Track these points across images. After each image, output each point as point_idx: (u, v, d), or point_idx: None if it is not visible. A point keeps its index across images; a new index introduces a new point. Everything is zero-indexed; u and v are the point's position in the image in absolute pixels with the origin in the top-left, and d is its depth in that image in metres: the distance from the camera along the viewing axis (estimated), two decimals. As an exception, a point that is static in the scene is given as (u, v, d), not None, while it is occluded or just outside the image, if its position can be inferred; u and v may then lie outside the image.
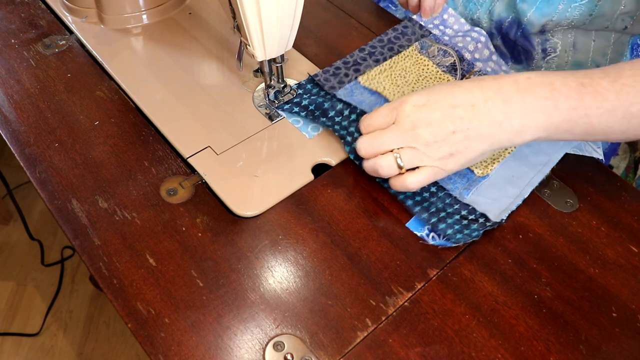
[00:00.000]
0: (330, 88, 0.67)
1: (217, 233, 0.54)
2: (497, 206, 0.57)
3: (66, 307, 1.42)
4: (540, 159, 0.61)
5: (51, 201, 0.56)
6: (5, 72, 0.69)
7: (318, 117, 0.63)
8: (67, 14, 0.77)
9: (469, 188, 0.58)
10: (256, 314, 0.49)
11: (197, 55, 0.72)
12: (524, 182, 0.59)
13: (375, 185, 0.59)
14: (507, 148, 0.62)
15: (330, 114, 0.63)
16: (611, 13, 0.67)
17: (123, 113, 0.65)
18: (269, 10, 0.54)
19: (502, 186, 0.59)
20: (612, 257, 0.54)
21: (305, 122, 0.64)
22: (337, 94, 0.66)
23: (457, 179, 0.59)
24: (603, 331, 0.49)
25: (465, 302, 0.50)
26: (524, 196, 0.58)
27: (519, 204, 0.57)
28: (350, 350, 0.47)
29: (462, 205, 0.57)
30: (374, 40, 0.74)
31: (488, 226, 0.54)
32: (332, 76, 0.69)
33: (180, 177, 0.59)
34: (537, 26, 0.69)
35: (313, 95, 0.66)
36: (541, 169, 0.60)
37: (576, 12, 0.67)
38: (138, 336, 0.47)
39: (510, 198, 0.58)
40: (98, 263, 0.51)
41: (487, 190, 0.59)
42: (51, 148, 0.61)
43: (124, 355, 1.34)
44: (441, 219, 0.55)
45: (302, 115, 0.64)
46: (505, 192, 0.58)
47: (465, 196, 0.58)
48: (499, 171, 0.60)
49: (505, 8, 0.71)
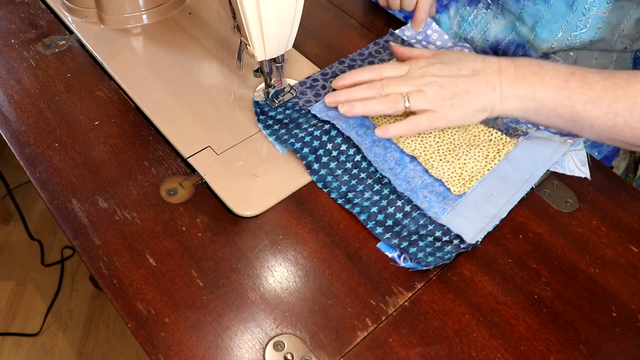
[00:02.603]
0: (306, 102, 0.65)
1: (217, 233, 0.54)
2: (473, 227, 0.55)
3: (66, 307, 1.42)
4: (521, 175, 0.59)
5: (51, 201, 0.56)
6: (5, 72, 0.69)
7: (292, 129, 0.61)
8: (67, 14, 0.77)
9: (444, 207, 0.56)
10: (256, 314, 0.49)
11: (197, 55, 0.72)
12: (503, 200, 0.57)
13: (375, 185, 0.59)
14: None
15: (302, 134, 0.60)
16: (611, 37, 0.67)
17: (123, 113, 0.65)
18: (269, 10, 0.54)
19: (479, 205, 0.57)
20: (612, 257, 0.54)
21: (277, 138, 0.61)
22: (313, 109, 0.63)
23: (433, 198, 0.57)
24: (603, 331, 0.49)
25: (465, 302, 0.50)
26: (502, 216, 0.56)
27: (496, 224, 0.55)
28: (350, 350, 0.47)
29: (436, 226, 0.55)
30: (354, 53, 0.72)
31: (462, 248, 0.53)
32: (308, 88, 0.66)
33: (180, 177, 0.59)
34: (539, 51, 0.69)
35: (288, 109, 0.64)
36: (522, 186, 0.58)
37: (577, 40, 0.67)
38: (138, 336, 0.47)
39: (488, 218, 0.56)
40: (98, 263, 0.51)
41: (463, 210, 0.57)
42: (51, 148, 0.61)
43: (124, 355, 1.34)
44: (412, 242, 0.53)
45: (276, 128, 0.62)
46: (482, 211, 0.56)
47: (440, 216, 0.56)
48: (477, 189, 0.58)
49: (503, 29, 0.71)
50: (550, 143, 0.61)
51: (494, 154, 0.60)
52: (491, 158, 0.60)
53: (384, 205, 0.56)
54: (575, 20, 0.65)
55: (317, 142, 0.60)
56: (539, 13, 0.66)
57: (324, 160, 0.59)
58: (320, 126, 0.61)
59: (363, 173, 0.59)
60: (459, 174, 0.59)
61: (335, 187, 0.58)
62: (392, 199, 0.57)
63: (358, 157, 0.60)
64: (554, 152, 0.61)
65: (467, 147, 0.61)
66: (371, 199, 0.57)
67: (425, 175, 0.59)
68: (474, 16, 0.72)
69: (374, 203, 0.57)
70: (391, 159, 0.60)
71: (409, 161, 0.60)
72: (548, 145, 0.61)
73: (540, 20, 0.67)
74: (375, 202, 0.57)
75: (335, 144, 0.60)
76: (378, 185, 0.58)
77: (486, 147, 0.61)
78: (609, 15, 0.65)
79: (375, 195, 0.57)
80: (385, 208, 0.56)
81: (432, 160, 0.60)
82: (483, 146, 0.61)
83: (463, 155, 0.60)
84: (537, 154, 0.61)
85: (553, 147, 0.61)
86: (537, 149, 0.61)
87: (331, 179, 0.59)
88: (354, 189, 0.58)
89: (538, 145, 0.61)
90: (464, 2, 0.74)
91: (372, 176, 0.59)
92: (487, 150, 0.61)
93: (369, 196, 0.57)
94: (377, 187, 0.58)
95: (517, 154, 0.61)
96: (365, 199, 0.57)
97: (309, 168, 0.59)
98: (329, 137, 0.60)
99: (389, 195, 0.57)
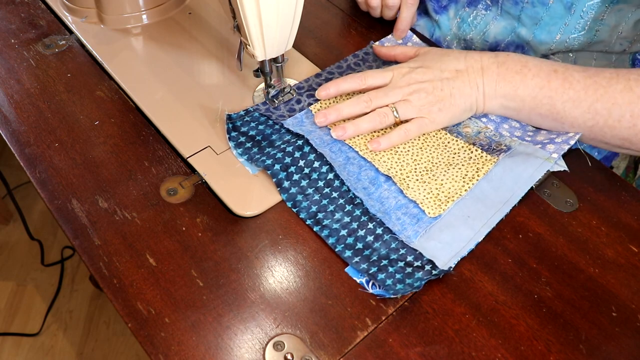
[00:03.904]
0: (280, 117, 0.63)
1: (217, 233, 0.54)
2: (447, 251, 0.52)
3: (66, 307, 1.42)
4: (501, 196, 0.57)
5: (51, 201, 0.56)
6: (5, 72, 0.69)
7: (264, 147, 0.59)
8: (67, 14, 0.77)
9: (417, 230, 0.54)
10: (256, 314, 0.49)
11: (197, 55, 0.72)
12: (480, 223, 0.55)
13: (375, 185, 0.59)
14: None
15: (274, 151, 0.58)
16: (609, 39, 0.67)
17: (123, 113, 0.65)
18: (269, 10, 0.54)
19: (455, 228, 0.54)
20: (612, 256, 0.54)
21: (249, 158, 0.59)
22: (286, 123, 0.61)
23: (407, 220, 0.55)
24: (603, 331, 0.49)
25: (465, 302, 0.50)
26: (478, 240, 0.53)
27: (471, 248, 0.53)
28: (350, 350, 0.47)
29: (408, 250, 0.52)
30: (332, 66, 0.70)
31: (433, 275, 0.50)
32: (282, 103, 0.65)
33: (180, 177, 0.59)
34: (538, 53, 0.69)
35: (261, 124, 0.62)
36: (501, 207, 0.56)
37: (575, 42, 0.67)
38: (138, 336, 0.47)
39: (463, 242, 0.53)
40: (98, 263, 0.51)
41: (438, 233, 0.54)
42: (51, 148, 0.61)
43: (124, 355, 1.34)
44: (382, 268, 0.51)
45: (248, 146, 0.60)
46: (458, 234, 0.54)
47: (413, 240, 0.53)
48: (454, 211, 0.56)
49: (502, 31, 0.71)
50: (534, 160, 0.58)
51: (472, 173, 0.58)
52: (470, 178, 0.57)
53: (354, 227, 0.54)
54: (574, 22, 0.65)
55: (289, 158, 0.57)
56: (538, 15, 0.66)
57: (295, 178, 0.57)
58: (293, 142, 0.59)
59: (335, 192, 0.57)
60: (435, 195, 0.56)
61: (305, 207, 0.56)
62: (364, 221, 0.55)
63: (331, 175, 0.58)
64: (536, 170, 0.58)
65: (446, 166, 0.59)
66: (341, 221, 0.55)
67: (399, 195, 0.57)
68: (473, 17, 0.72)
69: (344, 225, 0.54)
70: (365, 177, 0.58)
71: (384, 180, 0.58)
72: (531, 163, 0.58)
73: (539, 22, 0.67)
74: (345, 224, 0.54)
75: (308, 161, 0.58)
76: (350, 205, 0.56)
77: (465, 166, 0.58)
78: (607, 18, 0.65)
79: (346, 216, 0.55)
80: (356, 231, 0.54)
81: (408, 180, 0.58)
82: (462, 165, 0.58)
83: (441, 175, 0.58)
84: (519, 173, 0.58)
85: (536, 165, 0.58)
86: (519, 167, 0.58)
87: (301, 198, 0.56)
88: (325, 209, 0.55)
89: (520, 163, 0.58)
90: (464, 4, 0.74)
91: (345, 195, 0.56)
92: (466, 169, 0.58)
93: (340, 217, 0.55)
94: (349, 208, 0.56)
95: (498, 172, 0.58)
96: (335, 221, 0.55)
97: (279, 186, 0.57)
98: (302, 154, 0.58)
99: (360, 216, 0.55)
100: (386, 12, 0.73)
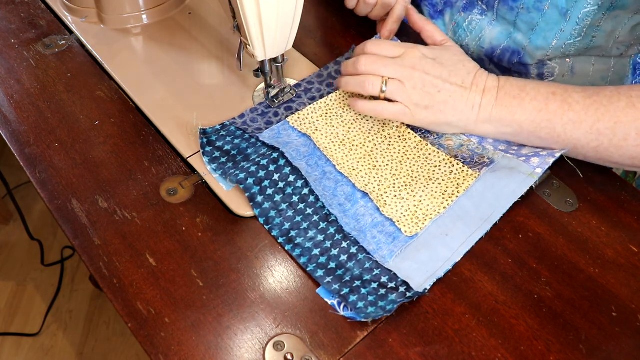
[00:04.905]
0: (256, 130, 0.61)
1: (217, 233, 0.54)
2: (423, 272, 0.51)
3: (66, 307, 1.42)
4: (482, 213, 0.55)
5: (51, 201, 0.56)
6: (5, 72, 0.69)
7: (239, 162, 0.57)
8: (67, 14, 0.77)
9: (393, 250, 0.52)
10: (256, 314, 0.49)
11: (197, 55, 0.72)
12: (459, 242, 0.53)
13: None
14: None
15: (248, 165, 0.56)
16: (606, 45, 0.67)
17: (123, 113, 0.65)
18: (269, 10, 0.54)
19: (432, 248, 0.52)
20: (612, 256, 0.54)
21: (223, 173, 0.57)
22: (262, 136, 0.60)
23: (383, 238, 0.53)
24: (603, 331, 0.49)
25: (465, 302, 0.50)
26: (456, 260, 0.52)
27: (448, 269, 0.51)
28: (350, 349, 0.47)
29: (382, 271, 0.51)
30: (312, 75, 0.68)
31: (407, 297, 0.48)
32: (259, 116, 0.63)
33: (180, 177, 0.59)
34: (534, 58, 0.68)
35: (237, 137, 0.60)
36: (481, 225, 0.54)
37: (571, 49, 0.66)
38: (138, 336, 0.47)
39: (440, 262, 0.51)
40: (98, 263, 0.51)
41: (414, 252, 0.52)
42: (51, 148, 0.61)
43: (124, 355, 1.34)
44: (354, 289, 0.49)
45: (222, 161, 0.58)
46: (435, 254, 0.52)
47: (388, 260, 0.51)
48: (431, 229, 0.54)
49: (498, 36, 0.70)
50: (517, 175, 0.56)
51: (452, 189, 0.56)
52: (449, 194, 0.56)
53: (327, 246, 0.52)
54: (569, 29, 0.64)
55: (264, 172, 0.56)
56: (533, 21, 0.65)
57: (268, 193, 0.55)
58: (269, 155, 0.57)
59: (310, 208, 0.55)
60: (412, 213, 0.55)
61: (278, 224, 0.54)
62: (338, 240, 0.53)
63: (306, 190, 0.56)
64: (519, 186, 0.56)
65: (426, 180, 0.57)
66: (315, 239, 0.53)
67: (376, 213, 0.55)
68: (468, 22, 0.71)
69: (317, 244, 0.53)
70: (342, 193, 0.56)
71: (361, 197, 0.56)
72: (513, 178, 0.56)
73: (535, 28, 0.66)
74: (318, 242, 0.53)
75: (283, 175, 0.56)
76: (324, 223, 0.54)
77: (445, 181, 0.57)
78: (604, 24, 0.64)
79: (320, 234, 0.53)
80: (329, 249, 0.52)
81: (386, 196, 0.56)
82: (442, 180, 0.57)
83: (420, 191, 0.56)
84: (501, 189, 0.56)
85: (519, 181, 0.56)
86: (501, 182, 0.56)
87: (274, 214, 0.54)
88: (298, 227, 0.54)
89: (502, 178, 0.56)
90: (459, 9, 0.73)
91: (319, 212, 0.55)
92: (446, 185, 0.56)
93: (313, 235, 0.53)
94: (323, 225, 0.54)
95: (479, 188, 0.56)
96: (308, 239, 0.53)
97: (252, 201, 0.55)
98: (277, 167, 0.56)
99: (334, 234, 0.53)
100: (373, 13, 0.71)
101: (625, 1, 0.61)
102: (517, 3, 0.65)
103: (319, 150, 0.60)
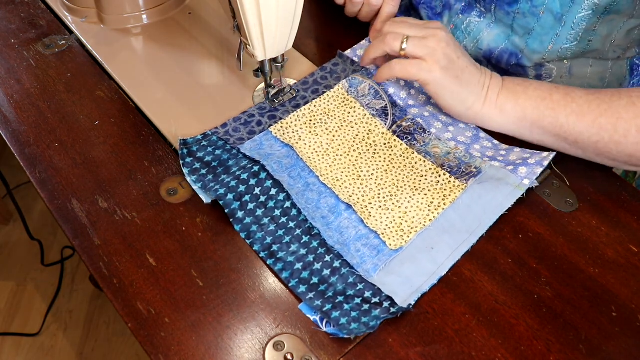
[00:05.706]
0: (238, 140, 0.60)
1: (217, 233, 0.54)
2: (407, 287, 0.50)
3: (66, 307, 1.42)
4: (468, 225, 0.54)
5: (51, 201, 0.56)
6: (5, 72, 0.69)
7: (220, 174, 0.56)
8: (67, 14, 0.77)
9: (377, 264, 0.51)
10: (256, 314, 0.49)
11: (197, 55, 0.72)
12: (444, 256, 0.52)
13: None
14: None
15: (228, 178, 0.55)
16: (602, 48, 0.67)
17: (123, 113, 0.65)
18: (269, 10, 0.54)
19: (417, 261, 0.51)
20: (612, 256, 0.54)
21: (203, 186, 0.56)
22: (243, 147, 0.58)
23: (367, 252, 0.52)
24: (603, 331, 0.49)
25: (465, 302, 0.50)
26: (441, 274, 0.51)
27: (433, 283, 0.50)
28: (350, 349, 0.47)
29: (366, 286, 0.50)
30: (298, 82, 0.67)
31: (391, 313, 0.47)
32: (242, 125, 0.61)
33: (180, 177, 0.59)
34: (532, 60, 0.69)
35: (218, 148, 0.59)
36: (467, 238, 0.53)
37: (568, 52, 0.66)
38: (138, 336, 0.47)
39: (425, 276, 0.50)
40: (98, 263, 0.51)
41: (399, 266, 0.51)
42: (51, 148, 0.61)
43: (124, 355, 1.34)
44: (337, 305, 0.48)
45: (203, 172, 0.57)
46: (420, 268, 0.51)
47: (372, 274, 0.50)
48: (417, 242, 0.53)
49: (495, 38, 0.70)
50: (504, 187, 0.56)
51: (439, 201, 0.55)
52: (435, 206, 0.55)
53: (310, 260, 0.51)
54: (565, 33, 0.64)
55: (244, 186, 0.54)
56: (529, 25, 0.66)
57: (249, 207, 0.54)
58: (249, 168, 0.56)
59: (292, 222, 0.54)
60: (397, 225, 0.54)
61: (259, 238, 0.53)
62: (321, 253, 0.52)
63: (288, 204, 0.54)
64: (506, 198, 0.55)
65: (412, 190, 0.56)
66: (297, 253, 0.52)
67: (360, 225, 0.54)
68: (466, 25, 0.72)
69: (300, 258, 0.51)
70: (325, 205, 0.55)
71: (345, 209, 0.55)
72: (501, 190, 0.56)
73: (531, 32, 0.66)
74: (301, 257, 0.52)
75: (265, 188, 0.55)
76: (307, 236, 0.53)
77: (432, 192, 0.56)
78: (599, 29, 0.64)
79: (303, 248, 0.52)
80: (312, 264, 0.51)
81: (370, 207, 0.55)
82: (428, 191, 0.56)
83: (405, 202, 0.55)
84: (488, 201, 0.55)
85: (506, 192, 0.55)
86: (488, 194, 0.55)
87: (256, 228, 0.53)
88: (280, 241, 0.52)
89: (490, 190, 0.56)
90: (457, 11, 0.73)
91: (302, 225, 0.53)
92: (432, 196, 0.55)
93: (295, 249, 0.52)
94: (306, 239, 0.53)
95: (466, 200, 0.55)
96: (290, 253, 0.52)
97: (232, 217, 0.53)
98: (258, 180, 0.55)
99: (317, 248, 0.52)
100: (362, 14, 0.70)
101: (620, 6, 0.61)
102: (513, 8, 0.65)
103: (302, 161, 0.59)
